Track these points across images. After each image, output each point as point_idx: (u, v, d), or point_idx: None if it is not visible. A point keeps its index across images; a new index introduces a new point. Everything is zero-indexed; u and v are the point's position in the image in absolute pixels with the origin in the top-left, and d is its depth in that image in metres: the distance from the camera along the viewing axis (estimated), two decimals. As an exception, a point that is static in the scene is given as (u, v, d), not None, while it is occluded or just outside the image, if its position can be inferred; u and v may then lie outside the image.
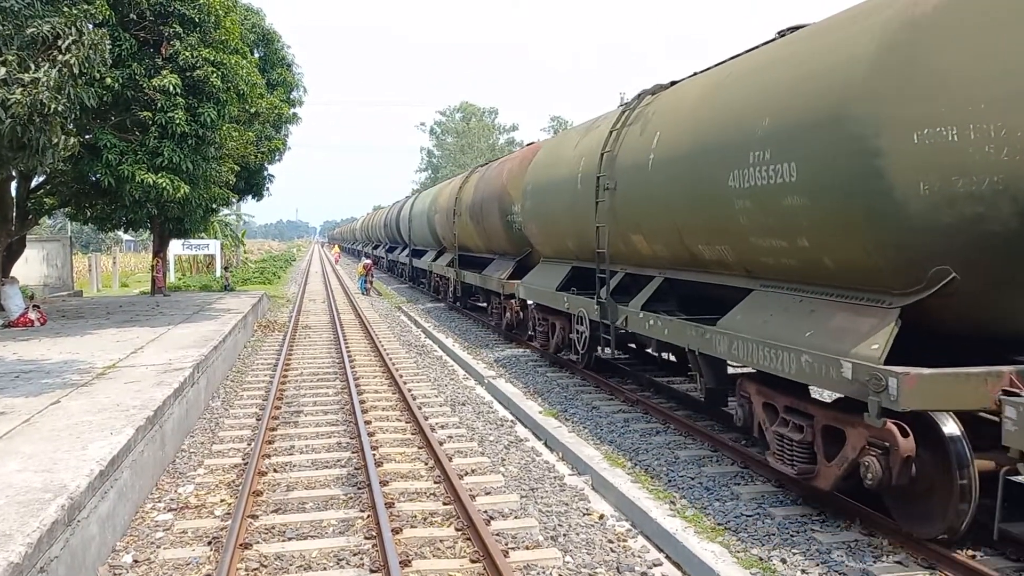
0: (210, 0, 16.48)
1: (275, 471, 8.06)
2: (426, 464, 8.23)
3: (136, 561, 6.00)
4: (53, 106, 9.83)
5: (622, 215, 9.68)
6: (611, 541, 6.23)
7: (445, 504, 7.02)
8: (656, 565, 5.83)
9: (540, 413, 10.22)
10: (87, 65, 10.56)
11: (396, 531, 6.29)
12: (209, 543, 6.28)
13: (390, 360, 14.25)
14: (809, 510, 6.59)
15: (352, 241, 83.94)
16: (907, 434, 5.34)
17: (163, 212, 17.85)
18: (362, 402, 10.94)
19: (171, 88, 15.39)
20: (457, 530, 6.42)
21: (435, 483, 7.61)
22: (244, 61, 17.92)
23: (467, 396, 11.75)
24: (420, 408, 10.60)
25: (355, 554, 6.03)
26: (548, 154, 13.59)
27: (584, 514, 6.84)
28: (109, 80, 14.24)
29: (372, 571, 5.73)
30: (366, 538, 6.32)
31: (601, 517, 6.79)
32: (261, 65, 25.18)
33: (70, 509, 5.36)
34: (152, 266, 25.45)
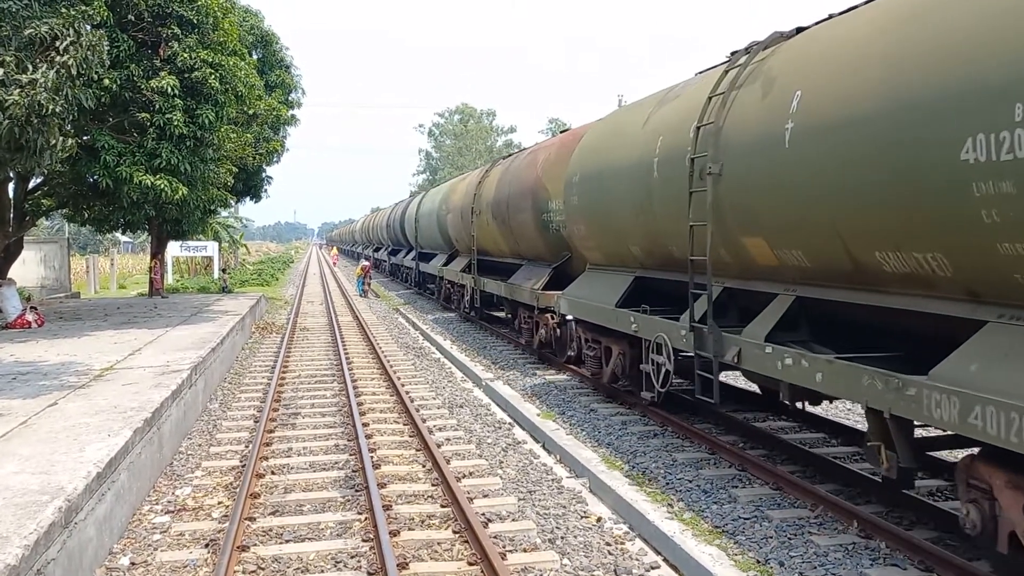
0: (208, 2, 16.47)
1: (273, 473, 8.05)
2: (424, 466, 8.22)
3: (133, 563, 5.99)
4: (51, 107, 9.83)
5: (733, 210, 7.22)
6: (609, 544, 6.23)
7: (443, 506, 7.02)
8: (654, 568, 5.83)
9: (538, 415, 10.22)
10: (85, 66, 10.56)
11: (394, 533, 6.29)
12: (207, 545, 6.28)
13: (388, 362, 14.25)
14: (807, 513, 6.60)
15: (351, 243, 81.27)
16: None
17: (161, 214, 17.83)
18: (360, 404, 10.94)
19: (169, 89, 15.37)
20: (455, 532, 6.42)
21: (433, 485, 7.61)
22: (242, 63, 17.90)
23: (465, 398, 11.75)
24: (418, 410, 10.59)
25: (353, 556, 6.03)
26: (601, 136, 11.07)
27: (582, 516, 6.84)
28: (107, 81, 14.21)
29: (370, 573, 5.73)
30: (363, 540, 6.31)
31: (599, 519, 6.80)
32: (259, 67, 25.17)
33: (67, 511, 5.35)
34: (150, 268, 25.43)
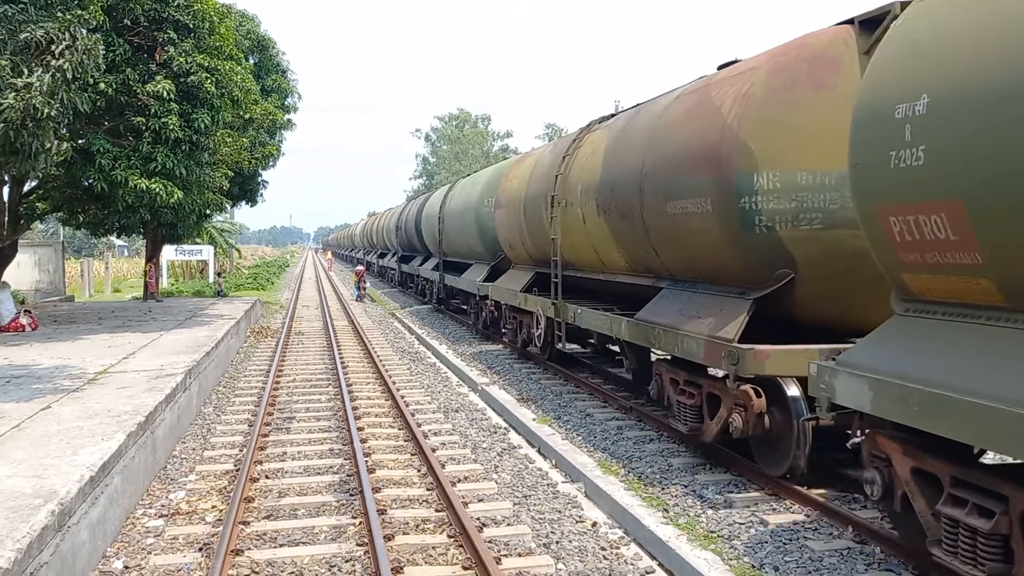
0: (204, 6, 16.46)
1: (267, 477, 8.03)
2: (419, 471, 8.21)
3: (127, 567, 5.96)
4: (46, 111, 9.80)
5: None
6: (604, 548, 6.22)
7: (438, 511, 7.00)
8: (649, 573, 5.82)
9: (534, 420, 10.21)
10: (80, 70, 10.53)
11: (388, 538, 6.28)
12: (200, 549, 6.25)
13: (383, 366, 14.23)
14: (802, 518, 6.60)
15: (350, 248, 77.48)
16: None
17: (156, 217, 17.76)
18: (355, 408, 10.92)
19: (165, 94, 15.33)
20: (449, 537, 6.40)
21: (428, 490, 7.59)
22: (238, 67, 17.85)
23: (460, 403, 11.73)
24: (413, 415, 10.57)
25: (347, 561, 6.01)
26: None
27: (577, 521, 6.83)
28: (103, 85, 14.19)
29: (364, 578, 5.71)
30: (358, 545, 6.29)
31: (594, 524, 6.78)
32: (256, 71, 25.14)
33: (60, 515, 5.33)
34: (145, 271, 25.36)
